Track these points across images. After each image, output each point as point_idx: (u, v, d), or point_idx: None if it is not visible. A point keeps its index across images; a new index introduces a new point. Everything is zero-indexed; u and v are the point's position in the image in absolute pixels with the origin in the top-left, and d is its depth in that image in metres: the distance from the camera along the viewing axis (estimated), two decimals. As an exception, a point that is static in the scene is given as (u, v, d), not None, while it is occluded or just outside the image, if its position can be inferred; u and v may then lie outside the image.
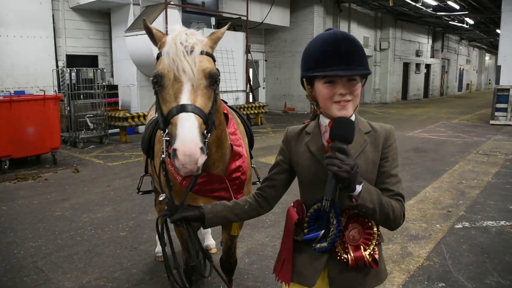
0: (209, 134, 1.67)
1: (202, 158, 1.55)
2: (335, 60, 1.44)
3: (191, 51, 1.64)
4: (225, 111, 2.32)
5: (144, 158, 3.05)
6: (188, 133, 1.53)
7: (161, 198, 1.68)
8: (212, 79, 1.69)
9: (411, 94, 27.71)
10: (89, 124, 10.23)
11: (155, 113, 2.07)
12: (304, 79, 1.59)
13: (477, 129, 12.96)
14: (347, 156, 1.37)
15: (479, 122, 14.77)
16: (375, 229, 1.52)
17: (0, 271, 3.71)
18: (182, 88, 1.62)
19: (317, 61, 1.47)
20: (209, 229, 4.05)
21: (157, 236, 4.10)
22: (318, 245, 1.55)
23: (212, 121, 1.69)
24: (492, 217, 5.07)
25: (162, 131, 1.67)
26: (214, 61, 1.77)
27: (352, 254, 1.50)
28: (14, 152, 7.37)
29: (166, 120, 1.63)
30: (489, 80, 47.01)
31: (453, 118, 16.03)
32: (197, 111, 1.60)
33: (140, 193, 3.40)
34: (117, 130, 10.85)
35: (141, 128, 11.68)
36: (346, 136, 1.41)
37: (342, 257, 1.51)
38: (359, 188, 1.40)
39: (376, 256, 1.51)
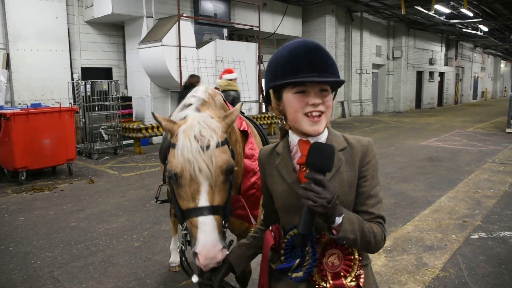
0: (227, 224, 1.67)
1: (223, 255, 1.56)
2: (307, 67, 1.34)
3: (207, 147, 1.55)
4: (245, 128, 2.31)
5: (162, 168, 3.08)
6: (209, 239, 1.52)
7: (194, 280, 1.63)
8: (229, 173, 1.63)
9: (425, 102, 27.48)
10: (104, 135, 10.37)
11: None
12: (270, 91, 1.48)
13: (492, 138, 12.79)
14: (324, 188, 1.25)
15: (495, 131, 14.57)
16: (356, 254, 1.41)
17: (17, 281, 3.78)
18: (199, 188, 1.56)
19: (286, 69, 1.36)
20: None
21: (171, 246, 4.12)
22: (294, 275, 1.46)
23: (229, 210, 1.67)
24: (510, 227, 4.98)
25: (180, 224, 1.66)
26: (229, 144, 1.70)
27: (331, 282, 1.40)
28: (31, 164, 7.50)
29: (183, 216, 1.61)
30: (505, 87, 46.40)
31: (468, 127, 15.84)
32: (215, 211, 1.57)
33: (158, 202, 3.43)
34: (131, 141, 10.96)
35: (155, 139, 11.83)
36: (324, 165, 1.28)
37: (321, 286, 1.41)
38: (339, 219, 1.28)
39: (361, 281, 1.40)
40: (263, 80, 15.17)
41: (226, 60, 12.26)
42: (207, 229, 1.53)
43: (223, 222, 1.63)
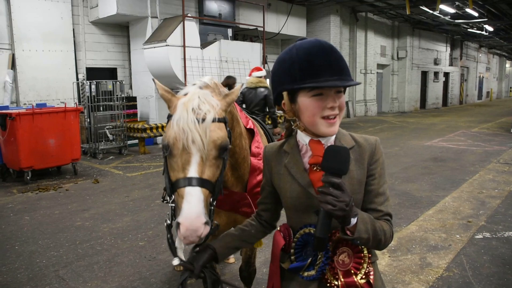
0: (215, 202, 1.64)
1: (206, 231, 1.52)
2: (328, 70, 1.32)
3: (203, 120, 1.56)
4: (252, 126, 2.32)
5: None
6: (193, 209, 1.49)
7: (175, 263, 1.61)
8: (222, 149, 1.62)
9: (430, 103, 27.39)
10: (109, 135, 10.42)
11: None
12: (284, 94, 1.46)
13: (497, 138, 12.73)
14: (342, 192, 1.24)
15: (500, 131, 14.50)
16: (365, 252, 1.43)
17: (23, 279, 3.81)
18: (190, 159, 1.55)
19: (305, 71, 1.34)
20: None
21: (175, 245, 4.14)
22: (306, 273, 1.47)
23: (219, 189, 1.65)
24: (514, 227, 4.97)
25: (168, 196, 1.64)
26: (226, 123, 1.69)
27: (342, 280, 1.41)
28: (36, 164, 7.55)
29: (173, 188, 1.59)
30: (510, 87, 46.15)
31: (473, 127, 15.78)
32: (204, 183, 1.55)
33: (165, 201, 3.44)
34: (136, 141, 11.01)
35: (160, 139, 11.84)
36: (341, 168, 1.27)
37: (333, 284, 1.42)
38: (354, 220, 1.29)
39: (371, 278, 1.42)
40: (267, 80, 15.22)
41: (231, 60, 12.28)
42: (192, 200, 1.51)
43: (211, 200, 1.61)
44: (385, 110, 23.78)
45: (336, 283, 1.41)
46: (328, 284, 1.43)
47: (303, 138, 1.48)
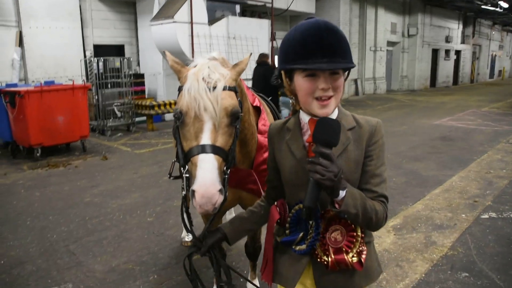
0: (228, 170, 1.64)
1: (220, 199, 1.53)
2: (317, 52, 1.34)
3: (214, 88, 1.58)
4: (258, 104, 2.32)
5: (175, 144, 3.11)
6: (207, 176, 1.50)
7: (187, 239, 1.66)
8: (234, 117, 1.63)
9: (440, 81, 27.02)
10: (117, 112, 10.44)
11: None
12: (282, 72, 1.50)
13: (508, 118, 12.57)
14: (331, 162, 1.27)
15: (510, 111, 14.32)
16: (358, 231, 1.44)
17: (35, 254, 3.91)
18: (203, 127, 1.57)
19: (297, 53, 1.37)
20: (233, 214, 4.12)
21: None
22: (297, 247, 1.50)
23: (232, 157, 1.66)
24: (521, 207, 4.97)
25: (182, 167, 1.64)
26: (237, 93, 1.71)
27: (332, 257, 1.43)
28: (45, 140, 7.63)
29: (186, 157, 1.60)
30: (523, 66, 45.28)
31: (483, 106, 15.58)
32: (217, 151, 1.56)
33: (172, 178, 3.47)
34: (144, 118, 11.05)
35: (168, 116, 11.88)
36: (331, 140, 1.31)
37: (323, 259, 1.46)
38: (342, 193, 1.32)
39: (363, 257, 1.43)
40: (275, 57, 15.08)
41: (239, 37, 12.15)
42: (206, 167, 1.52)
43: (225, 168, 1.62)
44: (394, 88, 23.52)
45: (326, 259, 1.44)
46: (318, 260, 1.46)
47: (303, 117, 1.51)
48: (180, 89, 1.65)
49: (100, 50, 12.01)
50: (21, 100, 7.29)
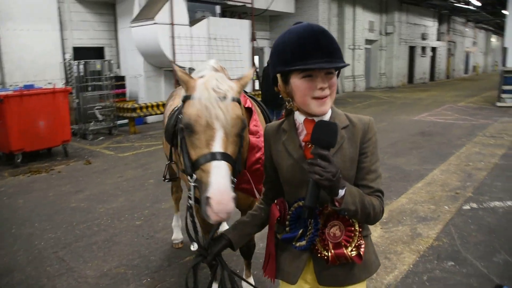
0: (235, 179, 1.68)
1: (233, 207, 1.55)
2: (316, 53, 1.39)
3: (224, 98, 1.63)
4: (250, 105, 2.37)
5: (167, 147, 3.12)
6: (222, 182, 1.53)
7: (193, 248, 1.67)
8: (242, 127, 1.69)
9: (417, 77, 27.53)
10: (98, 116, 10.32)
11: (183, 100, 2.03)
12: (277, 75, 1.54)
13: (483, 112, 12.94)
14: (329, 163, 1.32)
15: (486, 105, 14.72)
16: (356, 226, 1.50)
17: (23, 262, 3.85)
18: (215, 135, 1.60)
19: (296, 55, 1.42)
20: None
21: (173, 223, 4.21)
22: (298, 244, 1.55)
23: (238, 167, 1.70)
24: (499, 198, 5.14)
25: (188, 176, 1.65)
26: (241, 104, 1.77)
27: (332, 251, 1.48)
28: (26, 146, 7.50)
29: (194, 166, 1.61)
30: (495, 62, 46.46)
31: (459, 101, 15.98)
32: (228, 158, 1.60)
33: (166, 180, 3.50)
34: (126, 121, 10.95)
35: (150, 119, 11.82)
36: (329, 141, 1.36)
37: (323, 254, 1.50)
38: (342, 192, 1.37)
39: (362, 251, 1.49)
40: (256, 57, 15.15)
41: (220, 38, 12.17)
42: (221, 173, 1.54)
43: (232, 176, 1.65)
44: (373, 86, 23.88)
45: (326, 253, 1.49)
46: (318, 255, 1.51)
47: (299, 118, 1.55)
48: (186, 98, 1.68)
49: (80, 53, 11.85)
50: (1, 105, 7.15)
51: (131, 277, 3.52)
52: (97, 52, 12.52)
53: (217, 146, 1.59)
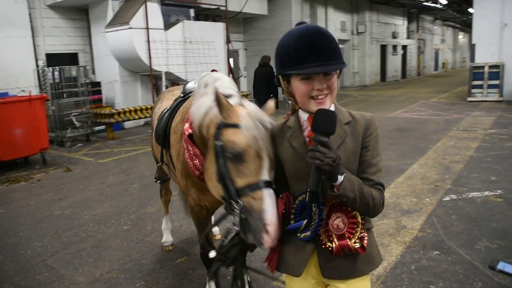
0: None
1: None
2: (310, 57, 1.45)
3: (266, 129, 1.71)
4: None
5: (158, 149, 3.14)
6: (275, 210, 1.60)
7: (211, 255, 1.72)
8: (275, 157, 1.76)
9: (390, 75, 28.10)
10: (75, 122, 10.15)
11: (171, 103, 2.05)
12: (279, 76, 1.62)
13: (455, 107, 13.35)
14: (329, 149, 1.38)
15: (457, 100, 15.19)
16: (359, 218, 1.54)
17: (10, 272, 3.79)
18: (263, 164, 1.66)
19: (291, 59, 1.48)
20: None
21: (163, 226, 4.20)
22: (302, 235, 1.58)
23: None
24: (477, 188, 5.35)
25: (226, 202, 1.70)
26: None
27: (336, 242, 1.52)
28: (3, 155, 7.33)
29: (240, 192, 1.65)
30: (463, 58, 47.89)
31: (431, 97, 16.41)
32: (272, 186, 1.67)
33: (158, 181, 3.50)
34: (103, 127, 10.81)
35: (127, 124, 11.70)
36: (328, 128, 1.42)
37: (327, 245, 1.53)
38: (341, 178, 1.42)
39: (365, 242, 1.52)
40: (231, 60, 15.17)
41: (195, 41, 12.16)
42: (273, 201, 1.62)
43: None
44: (347, 85, 24.25)
45: (330, 245, 1.53)
46: (322, 246, 1.55)
47: (303, 115, 1.62)
48: (228, 126, 1.71)
49: (53, 59, 11.61)
50: (-25, 115, 6.97)
51: (124, 281, 3.52)
52: (71, 58, 12.29)
53: (266, 175, 1.66)
